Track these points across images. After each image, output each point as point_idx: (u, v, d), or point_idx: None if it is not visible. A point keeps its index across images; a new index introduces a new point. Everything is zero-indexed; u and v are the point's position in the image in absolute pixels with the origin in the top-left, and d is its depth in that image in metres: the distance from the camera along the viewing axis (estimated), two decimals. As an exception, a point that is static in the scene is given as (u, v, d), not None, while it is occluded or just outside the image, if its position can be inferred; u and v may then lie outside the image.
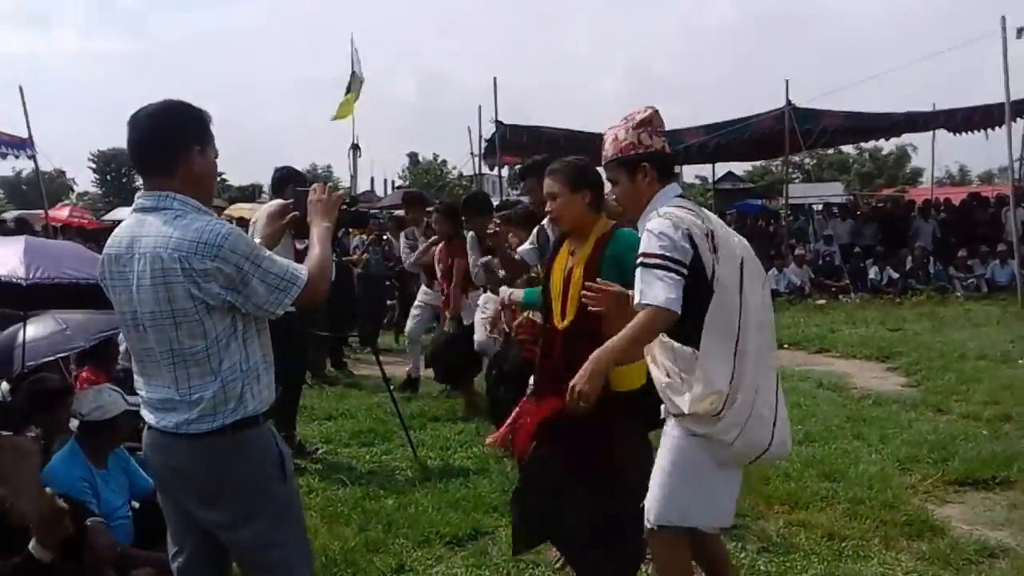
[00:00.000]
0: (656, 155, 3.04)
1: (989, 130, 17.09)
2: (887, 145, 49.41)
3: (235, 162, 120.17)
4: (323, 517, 4.74)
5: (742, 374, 2.80)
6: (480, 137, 17.43)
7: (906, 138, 20.87)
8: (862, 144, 43.73)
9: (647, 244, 2.80)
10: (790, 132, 15.83)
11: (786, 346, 10.05)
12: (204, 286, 2.35)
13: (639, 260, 2.80)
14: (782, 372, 7.08)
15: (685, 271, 2.75)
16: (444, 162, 53.15)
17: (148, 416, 2.55)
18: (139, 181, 2.75)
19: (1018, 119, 15.18)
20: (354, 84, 14.94)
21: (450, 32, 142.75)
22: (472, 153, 19.00)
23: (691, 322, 2.78)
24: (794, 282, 15.58)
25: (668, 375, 2.94)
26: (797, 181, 45.31)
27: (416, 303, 8.40)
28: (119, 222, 2.80)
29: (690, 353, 2.84)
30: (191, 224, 2.37)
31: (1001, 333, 10.50)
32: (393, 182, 54.74)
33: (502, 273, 5.48)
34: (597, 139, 13.65)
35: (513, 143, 16.30)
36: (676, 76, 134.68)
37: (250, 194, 48.36)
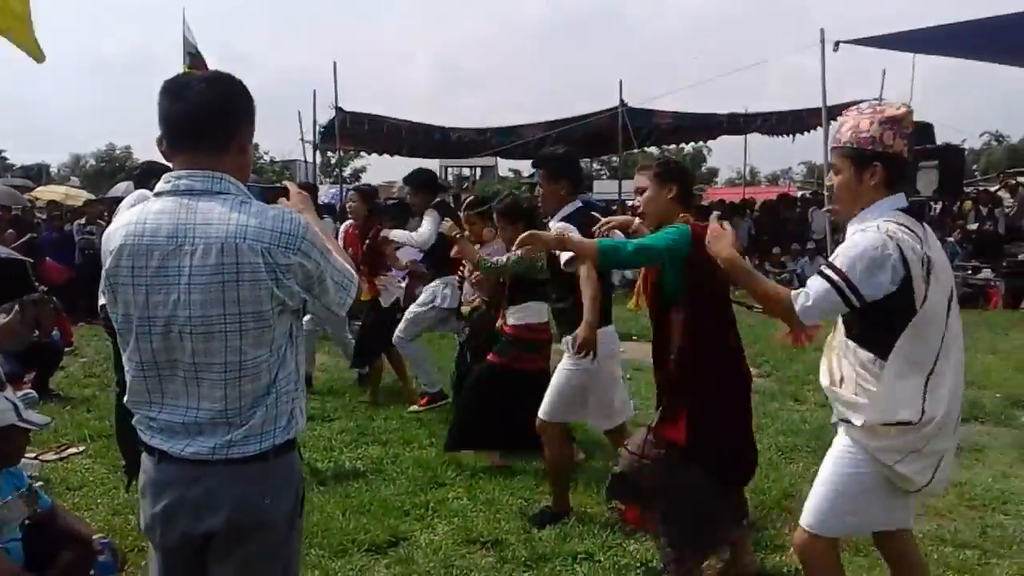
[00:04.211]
0: (894, 158, 2.75)
1: (798, 135, 18.55)
2: (686, 146, 52.26)
3: (18, 139, 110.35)
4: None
5: (933, 406, 2.69)
6: (314, 123, 16.85)
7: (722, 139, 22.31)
8: (664, 145, 45.68)
9: (845, 254, 2.67)
10: (623, 130, 16.39)
11: (634, 338, 10.36)
12: (285, 283, 2.04)
13: (824, 265, 2.71)
14: (637, 365, 7.21)
15: (857, 304, 2.65)
16: (256, 146, 51.19)
17: (160, 444, 2.11)
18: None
19: (831, 123, 16.38)
20: (192, 61, 13.96)
21: (248, 12, 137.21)
22: (303, 139, 18.36)
23: (880, 335, 2.71)
24: (627, 276, 16.10)
25: (841, 383, 2.83)
26: (604, 178, 47.10)
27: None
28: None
29: (873, 360, 2.74)
30: (265, 211, 2.05)
31: (826, 323, 11.27)
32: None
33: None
34: (436, 131, 13.76)
35: (353, 131, 15.91)
36: (484, 69, 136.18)
37: (36, 174, 44.53)
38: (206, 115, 2.06)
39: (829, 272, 2.68)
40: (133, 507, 4.34)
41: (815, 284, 2.70)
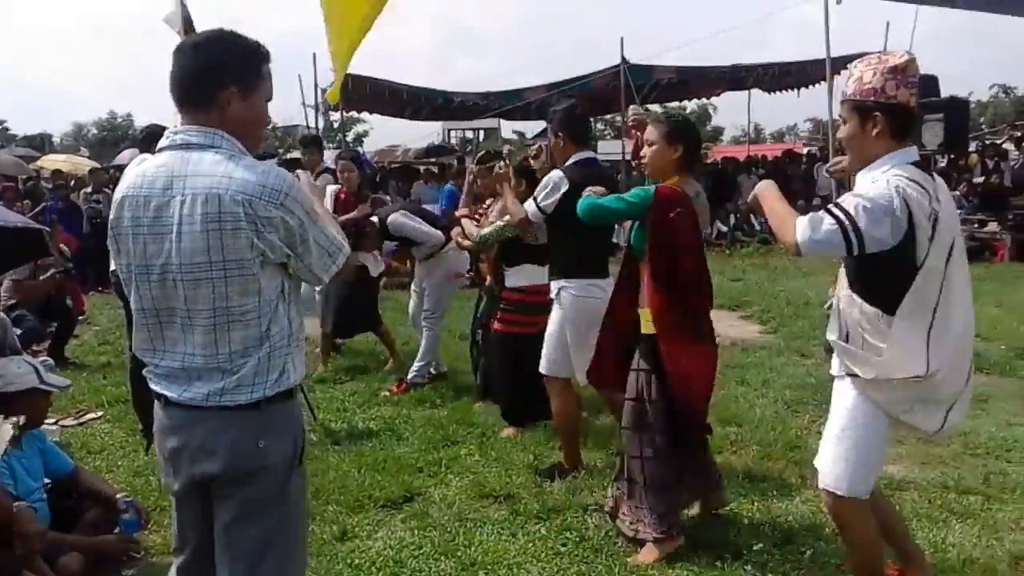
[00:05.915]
0: (896, 108, 2.75)
1: (803, 89, 18.45)
2: (690, 104, 51.62)
3: (18, 110, 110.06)
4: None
5: (938, 357, 2.72)
6: (316, 86, 16.84)
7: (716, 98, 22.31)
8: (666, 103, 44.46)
9: (853, 199, 2.65)
10: (625, 88, 16.30)
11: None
12: (266, 236, 2.10)
13: (833, 204, 2.69)
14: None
15: (856, 251, 2.64)
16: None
17: (163, 389, 2.22)
18: None
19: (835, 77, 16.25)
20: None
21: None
22: (304, 103, 18.34)
23: (884, 289, 2.75)
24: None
25: (848, 338, 2.86)
26: (609, 137, 46.79)
27: None
28: None
29: (879, 315, 2.77)
30: (254, 166, 2.12)
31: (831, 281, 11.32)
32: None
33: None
34: (439, 95, 13.71)
35: (355, 94, 15.88)
36: (488, 29, 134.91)
37: (39, 144, 44.50)
38: (188, 76, 2.17)
39: (837, 212, 2.65)
40: (154, 469, 4.45)
41: (822, 220, 2.66)
